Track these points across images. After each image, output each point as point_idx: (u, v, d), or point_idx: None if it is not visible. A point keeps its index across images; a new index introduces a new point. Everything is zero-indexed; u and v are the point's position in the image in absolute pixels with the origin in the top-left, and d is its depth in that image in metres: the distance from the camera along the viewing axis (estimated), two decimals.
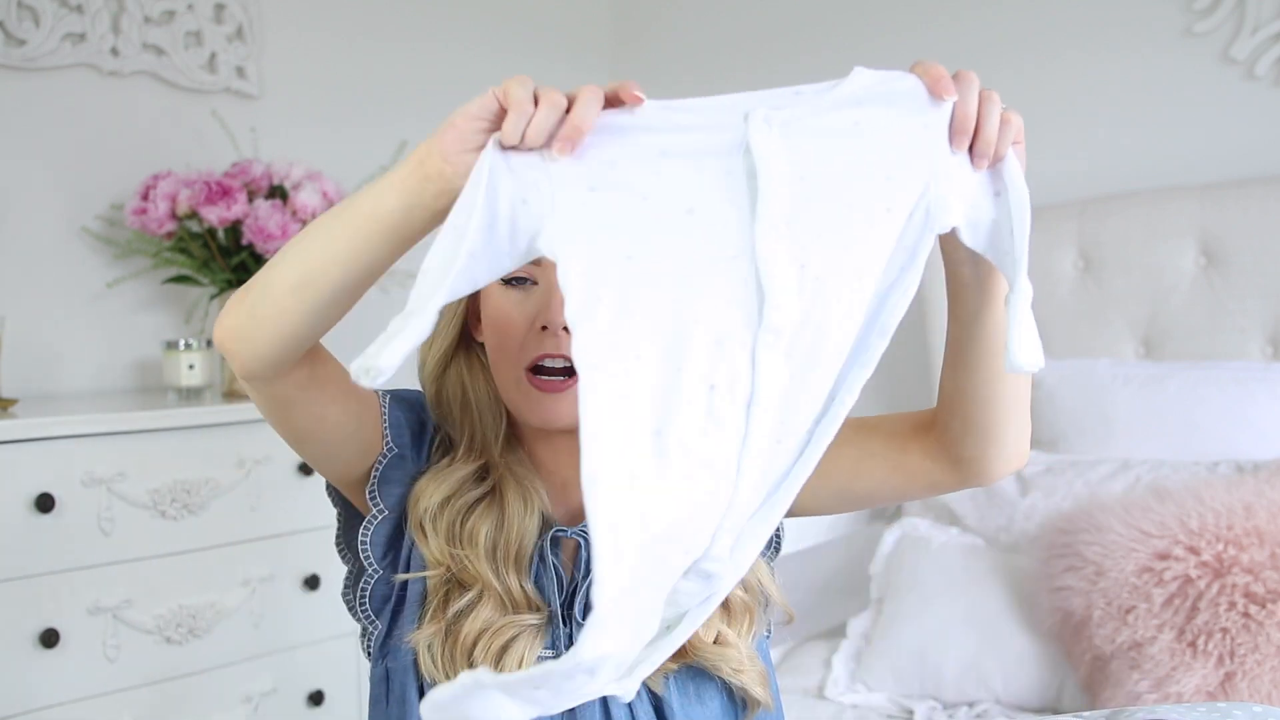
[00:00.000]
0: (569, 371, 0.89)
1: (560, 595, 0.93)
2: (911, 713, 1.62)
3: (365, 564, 0.95)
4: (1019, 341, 0.72)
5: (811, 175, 0.68)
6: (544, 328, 0.89)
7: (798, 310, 0.67)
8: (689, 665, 0.94)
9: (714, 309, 0.66)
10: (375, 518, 0.94)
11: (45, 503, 1.59)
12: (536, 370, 0.90)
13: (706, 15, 2.68)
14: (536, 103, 0.69)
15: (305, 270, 0.76)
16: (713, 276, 0.67)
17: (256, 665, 1.82)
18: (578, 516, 0.97)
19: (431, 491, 0.93)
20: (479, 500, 0.93)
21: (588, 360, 0.62)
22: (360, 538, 0.95)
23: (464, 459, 0.95)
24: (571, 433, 0.71)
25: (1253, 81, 1.95)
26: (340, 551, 1.00)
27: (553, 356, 0.90)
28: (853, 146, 0.70)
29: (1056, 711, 1.58)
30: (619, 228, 0.66)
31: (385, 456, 0.94)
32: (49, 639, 1.59)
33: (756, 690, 0.96)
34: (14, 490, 1.57)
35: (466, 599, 0.91)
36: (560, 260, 0.65)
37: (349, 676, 1.94)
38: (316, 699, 1.89)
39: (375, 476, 0.94)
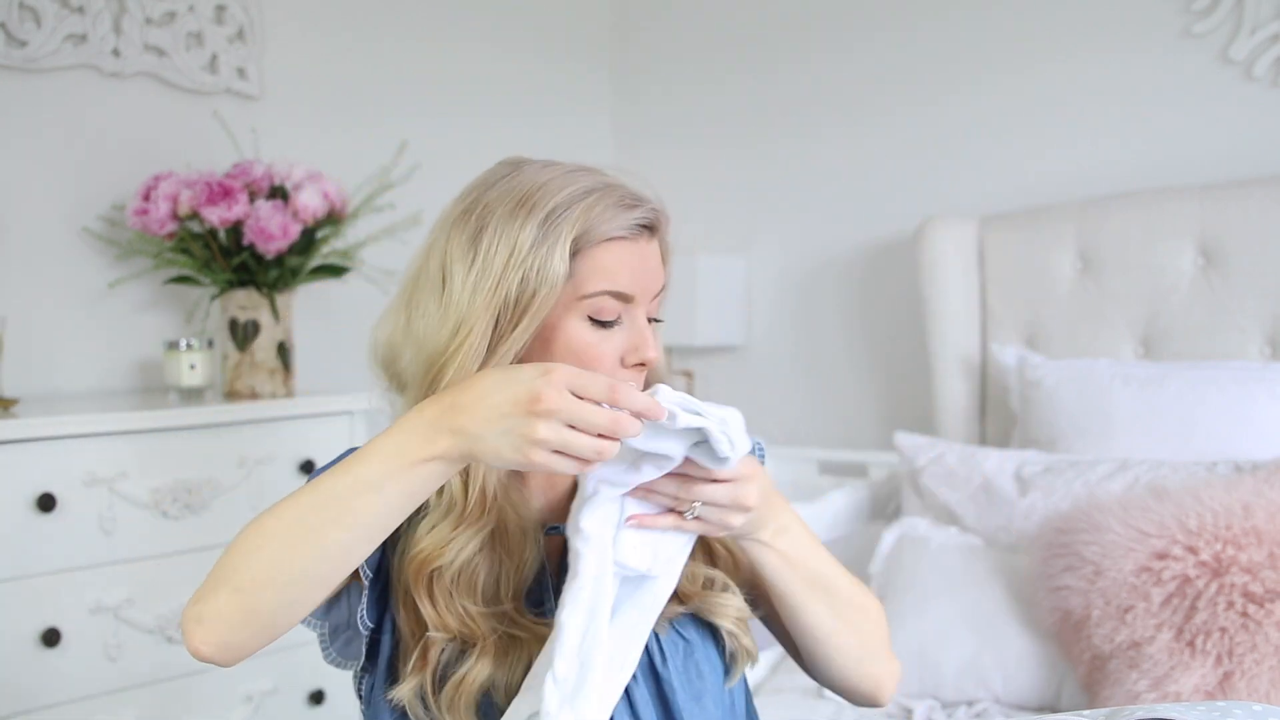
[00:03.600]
0: None
1: (552, 590, 0.94)
2: (911, 712, 1.63)
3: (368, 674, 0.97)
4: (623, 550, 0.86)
5: None
6: (639, 364, 0.91)
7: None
8: (689, 615, 0.95)
9: None
10: (362, 652, 0.96)
11: (46, 502, 1.59)
12: None
13: (706, 15, 2.68)
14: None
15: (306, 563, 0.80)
16: None
17: (256, 665, 1.82)
18: (557, 504, 0.97)
19: (435, 556, 0.89)
20: (479, 549, 0.90)
21: None
22: (360, 678, 0.98)
23: (461, 512, 0.90)
24: None
25: (1251, 82, 1.95)
26: (334, 663, 1.00)
27: None
28: None
29: (1055, 711, 1.58)
30: None
31: (365, 590, 0.91)
32: (50, 638, 1.60)
33: (746, 640, 0.98)
34: (15, 490, 1.58)
35: (451, 651, 0.89)
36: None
37: (349, 676, 1.94)
38: (317, 699, 1.90)
39: (362, 609, 0.92)
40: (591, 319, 0.90)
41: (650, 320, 0.94)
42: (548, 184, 0.90)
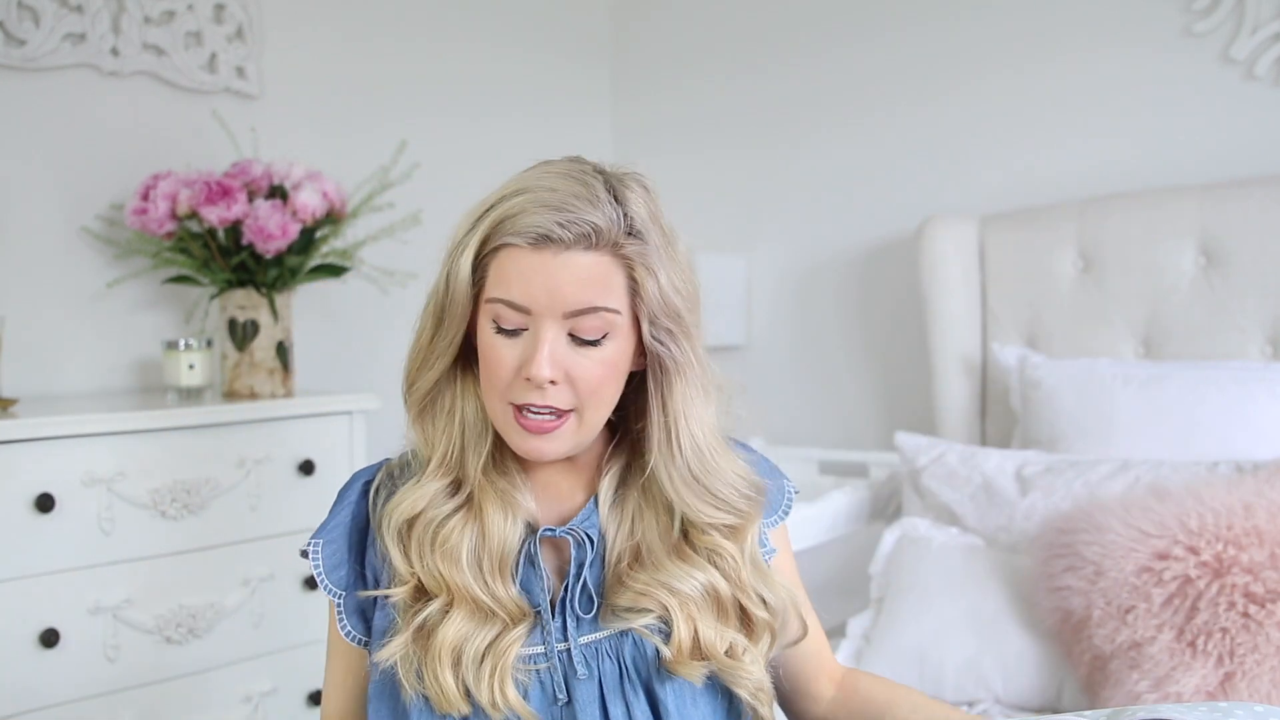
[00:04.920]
0: (556, 413, 0.89)
1: (548, 594, 0.94)
2: None
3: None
4: None
5: None
6: (527, 378, 0.88)
7: None
8: (709, 678, 0.94)
9: None
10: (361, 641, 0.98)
11: (45, 503, 1.59)
12: (522, 408, 0.90)
13: (706, 15, 2.68)
14: None
15: None
16: None
17: (256, 665, 1.82)
18: (567, 517, 0.97)
19: (403, 509, 0.93)
20: (453, 513, 0.93)
21: None
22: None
23: (434, 474, 0.94)
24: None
25: (1252, 81, 1.95)
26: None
27: (538, 407, 0.89)
28: None
29: (1056, 711, 1.58)
30: None
31: (340, 610, 0.98)
32: (49, 639, 1.59)
33: (764, 711, 0.97)
34: (14, 490, 1.58)
35: (433, 607, 0.91)
36: None
37: None
38: (317, 699, 1.89)
39: (344, 624, 0.98)
40: (495, 324, 0.89)
41: (583, 342, 0.88)
42: (505, 183, 0.90)
